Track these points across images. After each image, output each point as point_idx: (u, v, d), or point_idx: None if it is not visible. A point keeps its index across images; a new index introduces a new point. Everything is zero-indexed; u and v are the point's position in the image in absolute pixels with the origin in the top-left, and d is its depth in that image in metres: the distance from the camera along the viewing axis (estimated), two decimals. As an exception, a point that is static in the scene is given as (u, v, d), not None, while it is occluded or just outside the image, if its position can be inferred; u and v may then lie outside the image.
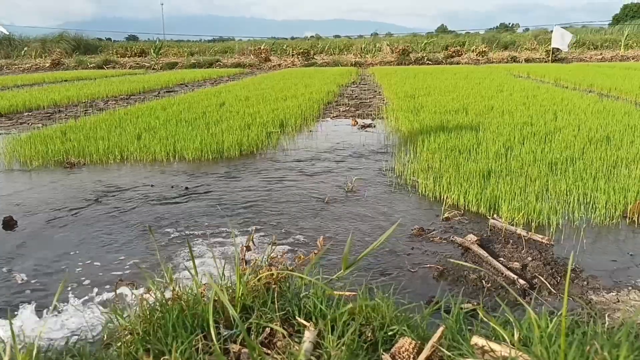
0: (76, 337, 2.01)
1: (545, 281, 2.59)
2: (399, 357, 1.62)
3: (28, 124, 8.55)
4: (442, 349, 1.62)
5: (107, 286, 2.59)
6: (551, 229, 3.27)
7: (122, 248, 3.13)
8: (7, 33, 33.83)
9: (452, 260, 2.82)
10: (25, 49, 33.94)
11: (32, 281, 2.69)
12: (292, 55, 31.21)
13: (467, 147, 5.28)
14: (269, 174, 4.91)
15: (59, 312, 2.25)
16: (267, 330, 1.69)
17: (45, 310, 2.29)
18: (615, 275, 2.66)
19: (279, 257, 2.13)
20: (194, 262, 1.97)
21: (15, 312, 2.28)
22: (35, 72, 26.22)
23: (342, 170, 5.03)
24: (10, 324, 1.38)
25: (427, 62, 28.14)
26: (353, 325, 1.64)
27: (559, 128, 6.21)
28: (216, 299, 1.76)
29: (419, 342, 1.65)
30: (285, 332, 1.64)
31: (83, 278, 2.70)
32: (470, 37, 38.96)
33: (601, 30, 40.11)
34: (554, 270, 2.71)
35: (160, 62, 29.53)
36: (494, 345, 1.55)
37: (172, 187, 4.48)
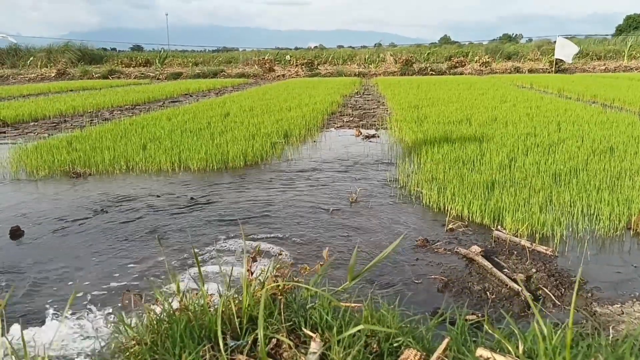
0: (84, 346, 2.02)
1: (549, 293, 2.60)
2: (405, 369, 1.63)
3: (34, 133, 8.62)
4: (447, 360, 1.63)
5: (115, 296, 2.61)
6: (555, 240, 3.28)
7: (128, 258, 3.15)
8: (15, 42, 34.15)
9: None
10: (31, 58, 34.19)
11: (40, 289, 2.71)
12: (296, 65, 31.36)
13: (471, 158, 5.30)
14: (273, 184, 4.94)
15: (67, 322, 2.27)
16: (274, 341, 1.71)
17: (49, 322, 2.31)
18: (619, 287, 2.67)
19: (284, 268, 2.14)
20: (200, 273, 1.99)
21: (27, 323, 2.30)
22: (41, 81, 26.41)
23: (346, 180, 5.05)
24: (22, 334, 1.40)
25: (431, 72, 28.23)
26: (359, 336, 1.66)
27: (563, 139, 6.23)
28: (223, 310, 1.78)
29: (425, 353, 1.66)
30: (291, 343, 1.66)
31: (90, 288, 2.72)
32: (474, 48, 39.07)
33: (604, 41, 40.18)
34: (558, 282, 2.72)
35: (165, 72, 29.71)
36: (499, 357, 1.56)
37: (178, 197, 4.51)
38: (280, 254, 2.72)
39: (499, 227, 3.52)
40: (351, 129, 8.57)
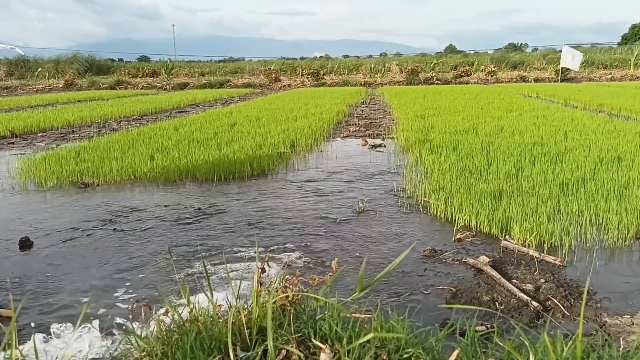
0: (95, 357, 2.03)
1: (558, 303, 2.58)
2: (415, 380, 1.63)
3: (43, 144, 8.68)
4: (457, 372, 1.62)
5: (124, 306, 2.62)
6: (564, 250, 3.27)
7: (137, 268, 3.16)
8: (23, 54, 34.47)
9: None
10: (39, 69, 34.50)
11: (50, 300, 2.72)
12: (302, 75, 31.48)
13: (478, 167, 5.30)
14: (280, 194, 4.95)
15: (77, 333, 2.28)
16: (284, 352, 1.71)
17: (61, 332, 2.32)
18: (629, 298, 2.66)
19: (293, 279, 2.15)
20: (209, 284, 1.99)
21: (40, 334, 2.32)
22: (49, 92, 26.63)
23: (353, 190, 5.05)
24: (34, 344, 1.41)
25: (437, 81, 28.27)
26: (369, 347, 1.66)
27: (570, 148, 6.22)
28: (233, 320, 1.78)
29: (434, 365, 1.66)
30: (301, 354, 1.66)
31: (100, 298, 2.73)
32: (479, 57, 39.10)
33: (610, 50, 40.14)
34: (567, 292, 2.70)
35: (172, 82, 29.91)
36: (510, 369, 1.56)
37: (185, 207, 4.53)
38: (289, 265, 2.73)
39: (506, 237, 3.51)
40: (357, 139, 8.59)
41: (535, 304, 2.56)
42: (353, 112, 12.98)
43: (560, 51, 27.84)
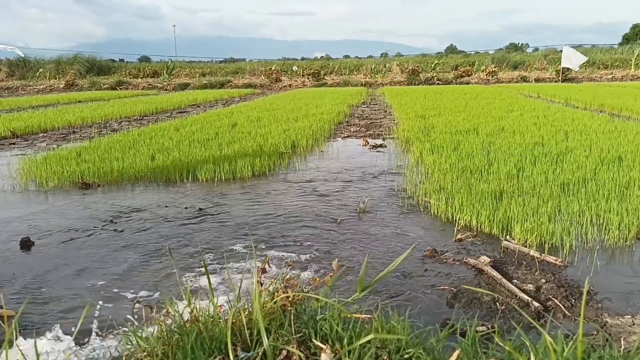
0: (96, 357, 2.03)
1: (559, 304, 2.58)
2: (415, 380, 1.63)
3: (44, 144, 8.68)
4: (458, 372, 1.62)
5: (125, 307, 2.62)
6: (564, 251, 3.27)
7: (138, 268, 3.16)
8: (23, 55, 34.54)
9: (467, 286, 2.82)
10: (40, 70, 34.54)
11: (51, 300, 2.73)
12: (303, 75, 31.49)
13: (479, 167, 5.29)
14: (281, 194, 4.95)
15: (79, 335, 2.28)
16: (284, 352, 1.71)
17: (61, 333, 2.33)
18: (630, 298, 2.65)
19: (294, 279, 2.15)
20: (210, 284, 2.00)
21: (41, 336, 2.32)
22: (50, 93, 26.66)
23: (353, 190, 5.06)
24: (35, 344, 1.41)
25: (437, 82, 28.26)
26: (369, 347, 1.66)
27: (571, 148, 6.21)
28: (233, 321, 1.78)
29: (435, 365, 1.66)
30: (302, 355, 1.66)
31: (100, 298, 2.73)
32: (480, 57, 39.11)
33: (611, 50, 40.12)
34: (568, 292, 2.70)
35: (173, 82, 29.93)
36: (510, 369, 1.56)
37: (187, 207, 4.53)
38: (290, 264, 2.73)
39: (507, 237, 3.51)
40: (358, 139, 8.59)
41: (536, 304, 2.56)
42: (354, 113, 12.99)
43: (561, 51, 27.84)
